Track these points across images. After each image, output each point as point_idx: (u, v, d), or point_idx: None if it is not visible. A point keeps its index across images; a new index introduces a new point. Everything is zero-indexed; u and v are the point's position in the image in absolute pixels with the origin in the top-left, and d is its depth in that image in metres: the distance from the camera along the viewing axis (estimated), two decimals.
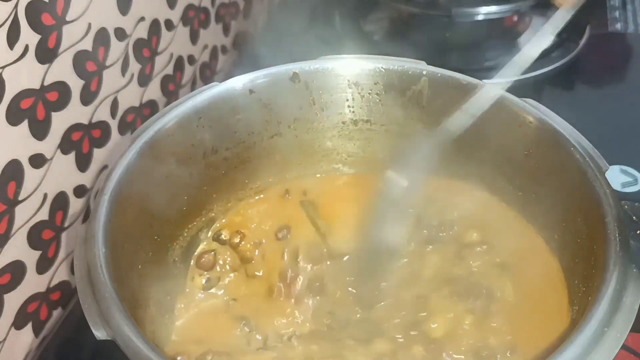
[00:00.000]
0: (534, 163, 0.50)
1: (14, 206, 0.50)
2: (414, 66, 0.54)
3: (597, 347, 0.35)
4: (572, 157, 0.46)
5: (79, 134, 0.57)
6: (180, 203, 0.52)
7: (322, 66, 0.55)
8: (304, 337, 0.47)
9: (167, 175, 0.50)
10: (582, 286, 0.44)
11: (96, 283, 0.39)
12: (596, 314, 0.36)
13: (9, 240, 0.50)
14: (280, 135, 0.56)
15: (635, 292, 0.37)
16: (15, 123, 0.49)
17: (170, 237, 0.52)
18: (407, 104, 0.55)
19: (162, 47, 0.68)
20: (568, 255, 0.47)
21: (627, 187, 0.60)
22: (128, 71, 0.63)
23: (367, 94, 0.56)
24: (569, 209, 0.47)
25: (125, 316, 0.38)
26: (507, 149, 0.52)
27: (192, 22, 0.74)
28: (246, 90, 0.54)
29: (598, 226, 0.42)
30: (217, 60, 0.82)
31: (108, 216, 0.43)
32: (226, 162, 0.55)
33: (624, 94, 0.76)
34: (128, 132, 0.64)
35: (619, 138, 0.65)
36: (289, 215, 0.56)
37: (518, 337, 0.46)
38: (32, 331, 0.55)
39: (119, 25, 0.60)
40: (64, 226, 0.57)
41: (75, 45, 0.55)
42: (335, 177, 0.60)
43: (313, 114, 0.57)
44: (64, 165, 0.55)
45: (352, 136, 0.58)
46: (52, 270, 0.56)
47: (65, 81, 0.54)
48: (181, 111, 0.51)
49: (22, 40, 0.48)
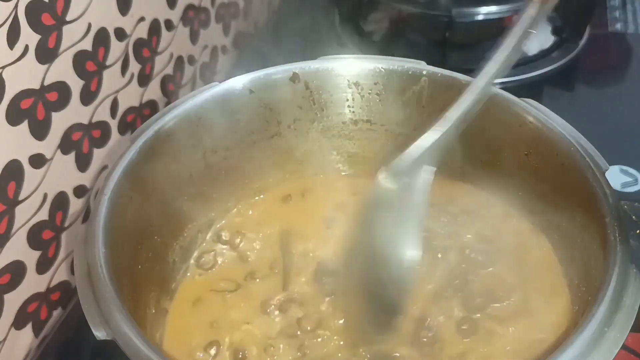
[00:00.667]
0: (534, 163, 0.50)
1: (14, 206, 0.50)
2: (414, 66, 0.54)
3: (597, 347, 0.35)
4: (572, 157, 0.46)
5: (79, 134, 0.57)
6: (180, 203, 0.52)
7: (322, 66, 0.55)
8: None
9: (167, 175, 0.50)
10: (582, 286, 0.44)
11: (96, 283, 0.39)
12: (596, 314, 0.36)
13: (9, 240, 0.50)
14: (280, 135, 0.56)
15: (635, 292, 0.37)
16: (15, 123, 0.49)
17: (170, 237, 0.51)
18: (407, 104, 0.55)
19: (162, 47, 0.68)
20: (568, 256, 0.47)
21: (627, 187, 0.60)
22: (128, 71, 0.63)
23: (367, 94, 0.56)
24: (569, 209, 0.47)
25: (125, 316, 0.38)
26: (507, 149, 0.52)
27: (192, 22, 0.74)
28: (246, 90, 0.54)
29: (598, 226, 0.42)
30: (217, 60, 0.82)
31: (108, 216, 0.43)
32: (226, 162, 0.55)
33: (624, 94, 0.76)
34: (128, 132, 0.64)
35: (619, 138, 0.65)
36: (289, 216, 0.56)
37: (518, 337, 0.46)
38: (32, 331, 0.55)
39: (118, 25, 0.60)
40: (64, 226, 0.57)
41: (75, 45, 0.55)
42: (335, 178, 0.60)
43: (313, 114, 0.57)
44: (64, 165, 0.55)
45: (352, 136, 0.58)
46: (52, 271, 0.56)
47: (65, 81, 0.54)
48: (181, 111, 0.51)
49: (22, 40, 0.48)
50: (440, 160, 0.52)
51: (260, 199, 0.58)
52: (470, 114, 0.42)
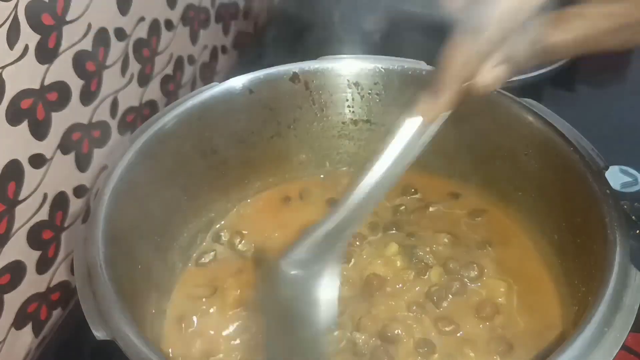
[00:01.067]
0: (534, 163, 0.50)
1: (14, 206, 0.50)
2: (413, 66, 0.54)
3: (597, 347, 0.35)
4: (572, 157, 0.46)
5: (79, 134, 0.57)
6: (180, 203, 0.52)
7: (322, 66, 0.55)
8: None
9: (166, 175, 0.50)
10: (582, 286, 0.44)
11: (96, 283, 0.39)
12: (596, 314, 0.36)
13: (9, 240, 0.50)
14: (280, 135, 0.56)
15: (635, 292, 0.37)
16: (15, 123, 0.49)
17: (170, 237, 0.51)
18: (407, 104, 0.55)
19: (162, 47, 0.68)
20: (568, 255, 0.47)
21: (627, 187, 0.60)
22: (128, 71, 0.63)
23: (367, 94, 0.56)
24: (568, 209, 0.47)
25: (124, 316, 0.38)
26: (507, 149, 0.52)
27: (192, 22, 0.74)
28: (246, 91, 0.54)
29: (598, 226, 0.42)
30: (217, 60, 0.82)
31: (108, 216, 0.43)
32: (226, 163, 0.55)
33: (624, 94, 0.76)
34: (128, 132, 0.64)
35: (619, 138, 0.66)
36: (289, 217, 0.56)
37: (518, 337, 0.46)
38: (32, 331, 0.55)
39: (118, 25, 0.60)
40: (64, 226, 0.57)
41: (75, 45, 0.55)
42: (335, 178, 0.60)
43: (313, 114, 0.57)
44: (64, 165, 0.55)
45: (352, 136, 0.58)
46: (52, 271, 0.56)
47: (65, 81, 0.54)
48: (181, 111, 0.51)
49: (22, 40, 0.48)
50: (439, 161, 0.52)
51: (260, 199, 0.58)
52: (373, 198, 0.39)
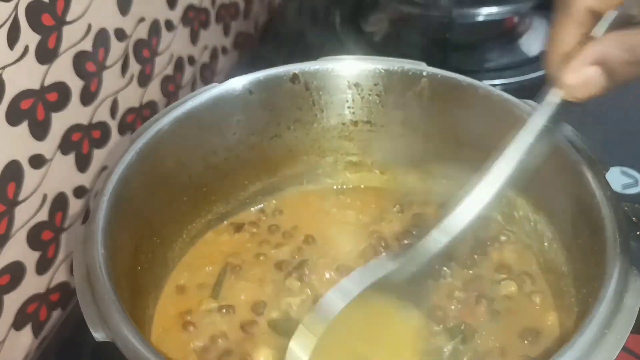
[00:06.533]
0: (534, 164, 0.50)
1: (14, 207, 0.50)
2: (414, 67, 0.54)
3: (597, 349, 0.35)
4: (572, 159, 0.46)
5: (79, 134, 0.57)
6: (179, 204, 0.52)
7: (322, 67, 0.55)
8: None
9: (166, 176, 0.50)
10: (583, 288, 0.44)
11: (95, 284, 0.39)
12: (597, 316, 0.36)
13: (8, 240, 0.50)
14: (280, 136, 0.56)
15: (635, 293, 0.37)
16: (15, 123, 0.49)
17: (169, 239, 0.51)
18: (407, 105, 0.55)
19: (162, 47, 0.68)
20: (568, 257, 0.47)
21: (628, 189, 0.60)
22: (128, 72, 0.63)
23: (367, 95, 0.56)
24: (569, 210, 0.47)
25: (124, 317, 0.38)
26: None
27: (193, 23, 0.74)
28: (246, 91, 0.53)
29: (598, 227, 0.42)
30: (217, 61, 0.82)
31: (108, 217, 0.43)
32: (226, 164, 0.55)
33: (624, 94, 0.75)
34: (128, 133, 0.64)
35: (619, 139, 0.65)
36: (288, 217, 0.56)
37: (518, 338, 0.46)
38: (31, 332, 0.55)
39: (119, 26, 0.60)
40: (64, 227, 0.57)
41: (75, 45, 0.55)
42: (335, 178, 0.60)
43: (313, 115, 0.57)
44: (63, 165, 0.55)
45: (352, 137, 0.58)
46: (51, 271, 0.56)
47: (65, 82, 0.54)
48: (181, 112, 0.51)
49: (22, 41, 0.48)
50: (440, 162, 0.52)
51: (260, 200, 0.58)
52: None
